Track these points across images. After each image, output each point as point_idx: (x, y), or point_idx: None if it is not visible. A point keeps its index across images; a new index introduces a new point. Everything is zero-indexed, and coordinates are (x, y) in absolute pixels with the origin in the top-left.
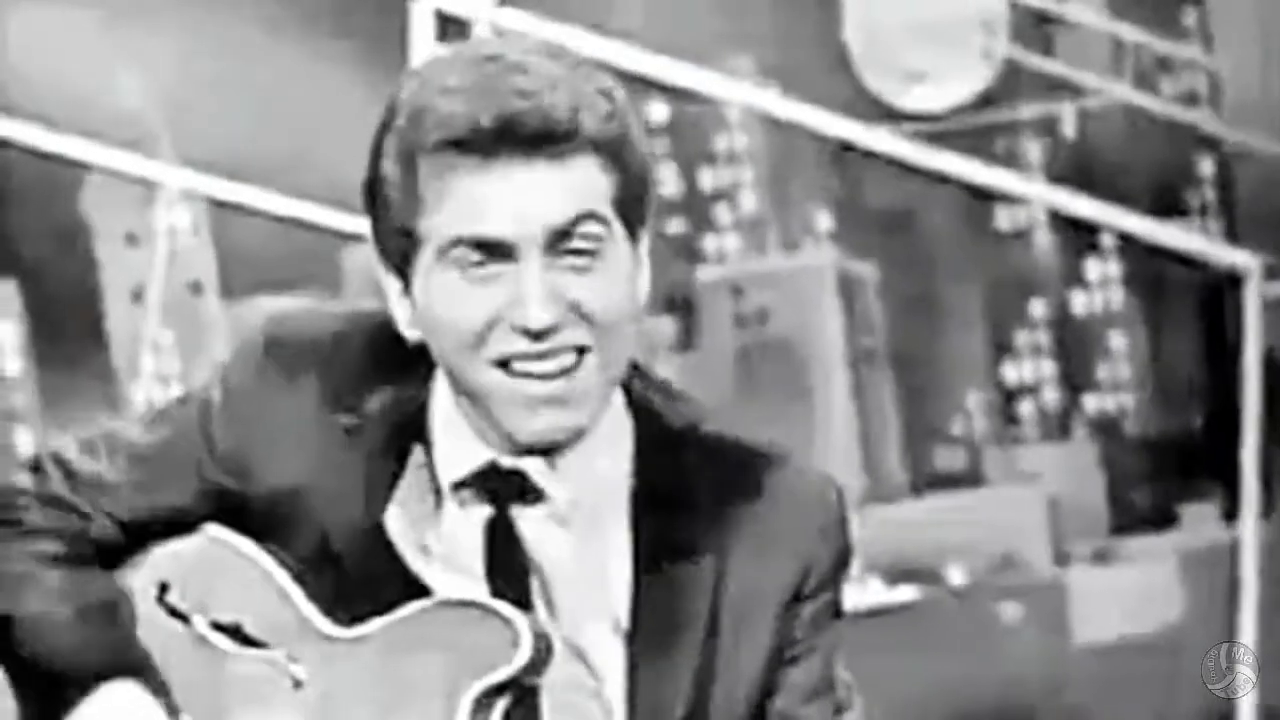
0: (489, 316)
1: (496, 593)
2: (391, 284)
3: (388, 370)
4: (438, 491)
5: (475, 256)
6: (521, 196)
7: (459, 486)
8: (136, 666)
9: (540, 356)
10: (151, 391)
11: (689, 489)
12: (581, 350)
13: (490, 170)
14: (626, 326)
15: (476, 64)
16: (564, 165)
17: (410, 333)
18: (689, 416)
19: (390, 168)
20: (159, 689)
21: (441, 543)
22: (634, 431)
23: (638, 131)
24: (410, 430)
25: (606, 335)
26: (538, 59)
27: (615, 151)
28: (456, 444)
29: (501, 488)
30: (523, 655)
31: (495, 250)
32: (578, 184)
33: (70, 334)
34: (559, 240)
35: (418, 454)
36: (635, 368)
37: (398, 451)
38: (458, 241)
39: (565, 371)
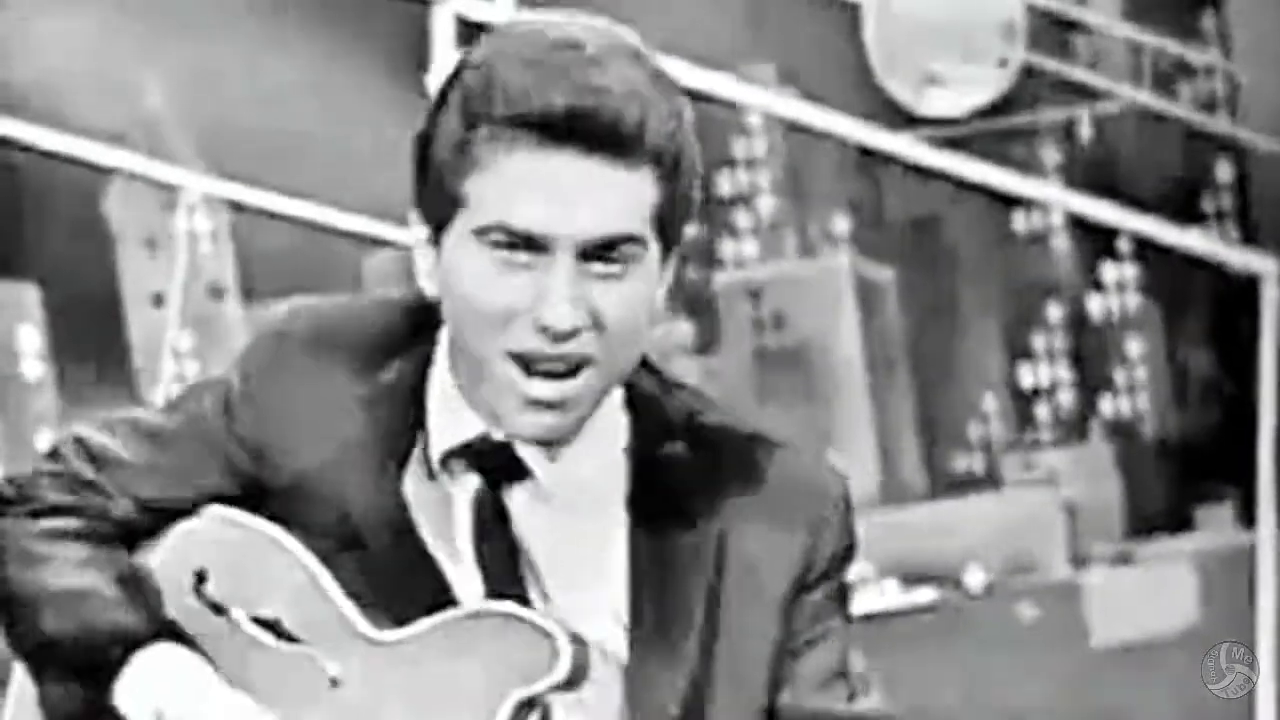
0: (512, 307)
1: (485, 570)
2: (420, 231)
3: (400, 344)
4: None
5: (510, 243)
6: (570, 196)
7: (448, 458)
8: (171, 631)
9: (551, 358)
10: (171, 395)
11: (686, 476)
12: (587, 361)
13: (548, 157)
14: (637, 338)
15: (558, 47)
16: (620, 172)
17: (427, 285)
18: (688, 405)
19: (449, 124)
20: (197, 650)
21: (458, 530)
22: (630, 420)
23: (695, 153)
24: (417, 414)
25: (615, 346)
26: (618, 60)
27: (670, 169)
28: (450, 415)
29: (490, 461)
30: (562, 668)
31: (530, 243)
32: (627, 197)
33: (91, 338)
34: (595, 250)
35: (422, 439)
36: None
37: (411, 422)
38: (498, 226)
39: (565, 376)
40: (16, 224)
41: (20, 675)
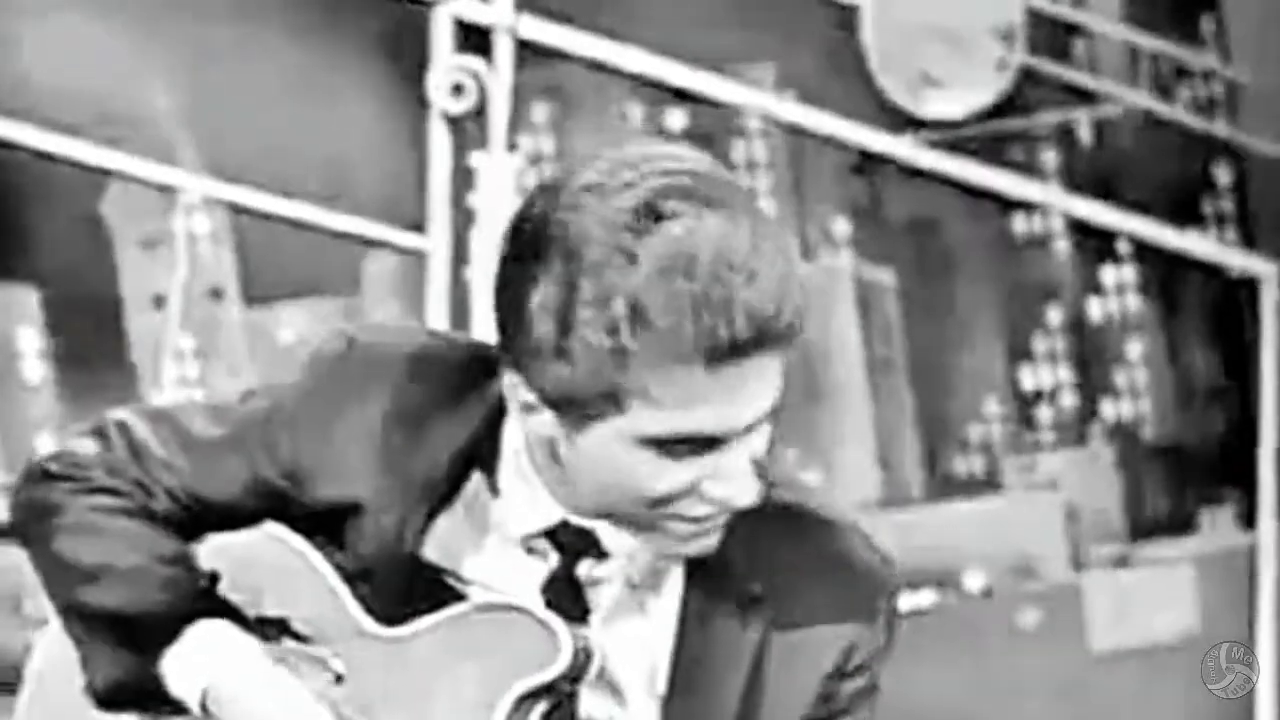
0: (684, 488)
1: None
2: (545, 415)
3: (456, 398)
4: (486, 528)
5: (686, 447)
6: (742, 395)
7: (527, 537)
8: (220, 609)
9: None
10: (172, 397)
11: (743, 553)
12: None
13: (722, 369)
14: None
15: (714, 263)
16: (777, 357)
17: (536, 451)
18: None
19: (591, 322)
20: (245, 627)
21: (483, 575)
22: None
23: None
24: (469, 463)
25: None
26: (763, 249)
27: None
28: (528, 497)
29: (569, 542)
30: (563, 661)
31: (707, 442)
32: (780, 372)
33: (91, 340)
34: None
35: (473, 486)
36: None
37: (453, 480)
38: (674, 437)
39: None
40: (16, 226)
41: (33, 681)
